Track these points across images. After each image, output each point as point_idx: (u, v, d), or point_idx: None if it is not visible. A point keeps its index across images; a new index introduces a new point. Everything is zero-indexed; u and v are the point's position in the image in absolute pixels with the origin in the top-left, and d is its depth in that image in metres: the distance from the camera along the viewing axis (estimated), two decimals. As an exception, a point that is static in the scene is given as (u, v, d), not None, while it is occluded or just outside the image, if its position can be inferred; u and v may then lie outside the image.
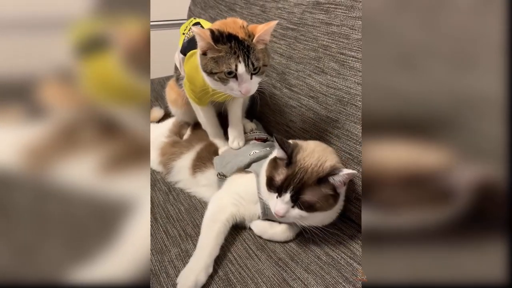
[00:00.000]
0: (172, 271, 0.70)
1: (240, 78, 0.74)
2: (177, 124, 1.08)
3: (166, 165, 0.99)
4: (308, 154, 0.73)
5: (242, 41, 0.73)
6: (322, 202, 0.69)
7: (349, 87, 0.81)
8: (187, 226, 0.82)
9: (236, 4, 1.25)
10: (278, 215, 0.71)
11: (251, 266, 0.71)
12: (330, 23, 0.88)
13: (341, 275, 0.69)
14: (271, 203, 0.73)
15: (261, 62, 0.75)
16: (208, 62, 0.75)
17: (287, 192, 0.69)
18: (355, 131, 0.79)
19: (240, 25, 0.77)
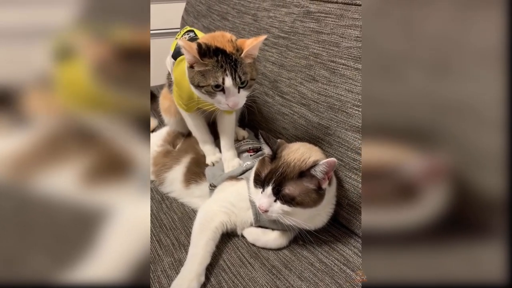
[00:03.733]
0: (165, 281, 0.70)
1: (228, 92, 0.75)
2: (171, 133, 1.08)
3: (158, 175, 0.98)
4: (293, 151, 0.74)
5: (229, 55, 0.74)
6: (303, 196, 0.70)
7: (340, 94, 0.81)
8: (180, 235, 0.82)
9: (229, 13, 1.26)
10: (261, 209, 0.71)
11: (245, 275, 0.71)
12: (321, 32, 0.89)
13: (335, 282, 0.68)
14: (256, 199, 0.74)
15: (248, 76, 0.76)
16: (195, 75, 0.75)
17: (269, 185, 0.71)
18: (346, 137, 0.79)
19: (228, 39, 0.77)
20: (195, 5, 1.50)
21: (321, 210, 0.75)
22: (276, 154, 0.74)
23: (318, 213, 0.75)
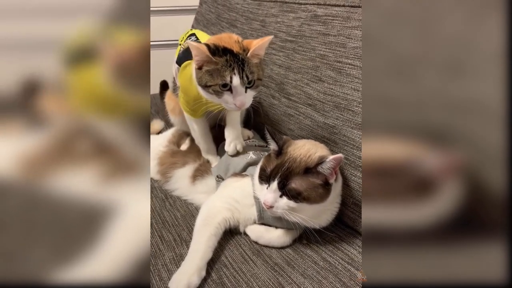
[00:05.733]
0: (165, 275, 0.69)
1: (235, 91, 0.76)
2: (176, 134, 1.09)
3: (164, 174, 0.98)
4: (299, 147, 0.74)
5: (236, 55, 0.75)
6: (310, 191, 0.69)
7: (345, 93, 0.82)
8: (182, 232, 0.81)
9: (237, 20, 1.29)
10: (266, 204, 0.70)
11: (246, 271, 0.69)
12: (328, 34, 0.90)
13: (339, 280, 0.67)
14: (261, 195, 0.73)
15: (255, 75, 0.76)
16: (203, 75, 0.76)
17: (275, 180, 0.70)
18: (352, 136, 0.79)
19: (235, 40, 0.79)
20: (205, 14, 1.53)
21: (327, 206, 0.74)
22: (281, 150, 0.74)
23: (324, 209, 0.74)
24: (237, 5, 1.31)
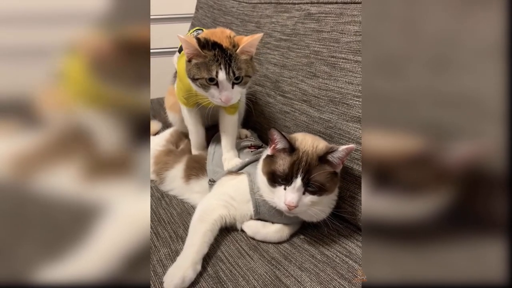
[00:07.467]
0: (160, 270, 0.67)
1: (221, 86, 0.76)
2: (175, 134, 1.09)
3: (159, 174, 0.98)
4: (302, 140, 0.73)
5: (225, 50, 0.75)
6: (327, 181, 0.69)
7: (340, 87, 0.82)
8: (178, 229, 0.80)
9: (233, 23, 1.30)
10: (291, 206, 0.67)
11: (243, 265, 0.68)
12: (321, 30, 0.90)
13: (336, 272, 0.66)
14: (278, 198, 0.70)
15: (243, 72, 0.77)
16: (191, 68, 0.77)
17: (297, 177, 0.68)
18: (348, 129, 0.79)
19: (227, 34, 0.79)
20: (201, 19, 1.55)
21: (332, 197, 0.75)
22: (293, 147, 0.72)
23: (331, 199, 0.75)
24: (232, 9, 1.33)
